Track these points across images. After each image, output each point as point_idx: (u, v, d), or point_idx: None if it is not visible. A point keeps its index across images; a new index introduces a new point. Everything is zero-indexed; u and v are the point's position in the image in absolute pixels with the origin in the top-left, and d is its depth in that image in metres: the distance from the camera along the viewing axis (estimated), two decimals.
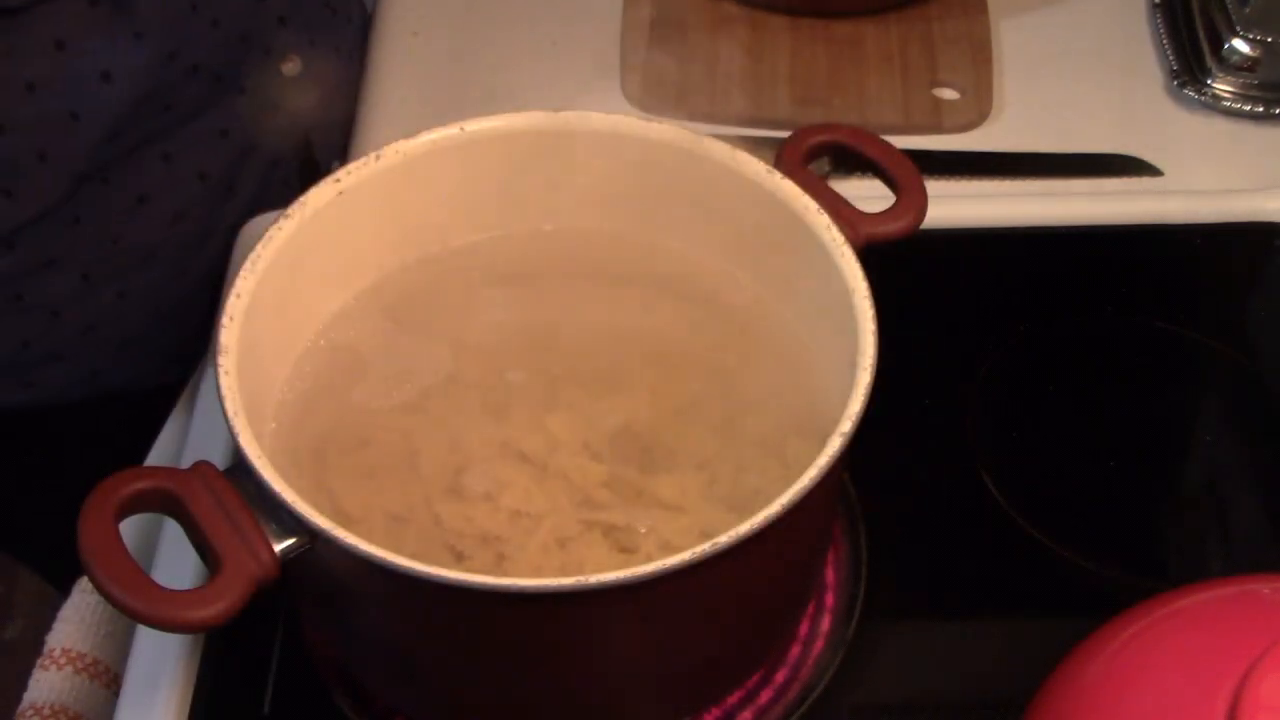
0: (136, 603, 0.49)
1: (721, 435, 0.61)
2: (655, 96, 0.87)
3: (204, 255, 0.83)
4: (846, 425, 0.53)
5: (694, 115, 0.85)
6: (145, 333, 0.84)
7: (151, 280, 0.82)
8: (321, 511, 0.50)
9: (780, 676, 0.64)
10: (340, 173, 0.60)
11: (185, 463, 0.59)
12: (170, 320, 0.84)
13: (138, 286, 0.82)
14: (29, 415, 0.85)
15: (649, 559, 0.50)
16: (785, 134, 0.66)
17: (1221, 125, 0.86)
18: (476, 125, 0.63)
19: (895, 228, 0.62)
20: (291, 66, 0.84)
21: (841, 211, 0.61)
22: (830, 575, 0.67)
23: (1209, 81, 0.86)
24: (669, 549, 0.56)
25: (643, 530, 0.57)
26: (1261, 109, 0.86)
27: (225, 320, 0.56)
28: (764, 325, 0.64)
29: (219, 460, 0.53)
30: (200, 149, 0.81)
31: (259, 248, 0.58)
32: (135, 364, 0.85)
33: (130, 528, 0.51)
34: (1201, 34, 0.87)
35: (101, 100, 0.73)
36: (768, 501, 0.50)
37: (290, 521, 0.51)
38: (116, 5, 0.72)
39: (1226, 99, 0.86)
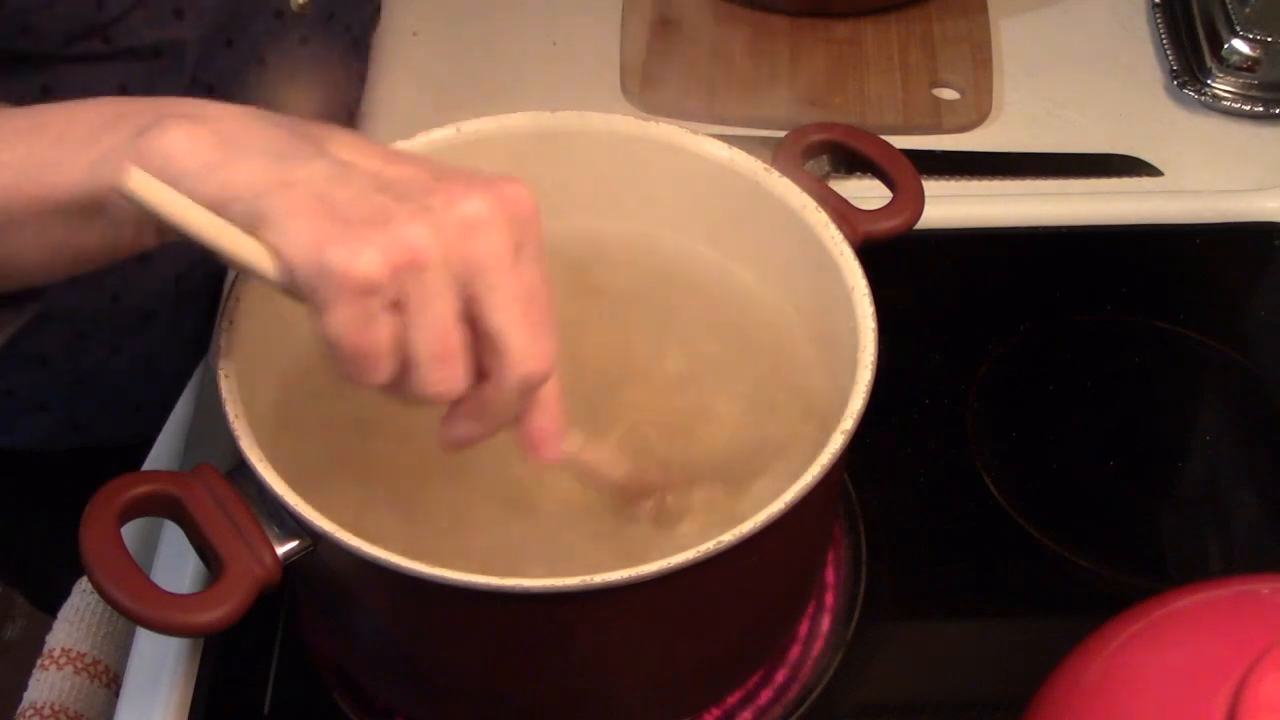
0: (141, 608, 0.49)
1: (719, 433, 0.61)
2: (655, 96, 0.87)
3: (199, 313, 0.82)
4: (848, 423, 0.53)
5: (694, 115, 0.85)
6: (133, 389, 0.83)
7: (145, 339, 0.81)
8: (323, 511, 0.51)
9: (780, 676, 0.64)
10: None
11: (186, 466, 0.59)
12: (159, 378, 0.83)
13: (131, 345, 0.81)
14: (15, 456, 0.85)
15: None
16: (785, 134, 0.66)
17: (1221, 125, 0.86)
18: (473, 126, 0.63)
19: (892, 224, 0.62)
20: (288, 85, 0.83)
21: (839, 209, 0.61)
22: (830, 575, 0.67)
23: (1209, 81, 0.86)
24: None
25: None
26: (1261, 109, 0.86)
27: (225, 324, 0.56)
28: (763, 323, 0.64)
29: (220, 463, 0.53)
30: None
31: None
32: (120, 419, 0.84)
33: (128, 529, 0.51)
34: (1201, 34, 0.87)
35: None
36: (769, 500, 0.50)
37: (293, 524, 0.51)
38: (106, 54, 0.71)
39: (1226, 99, 0.86)
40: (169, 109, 0.49)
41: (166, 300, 0.80)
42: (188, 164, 0.46)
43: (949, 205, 0.80)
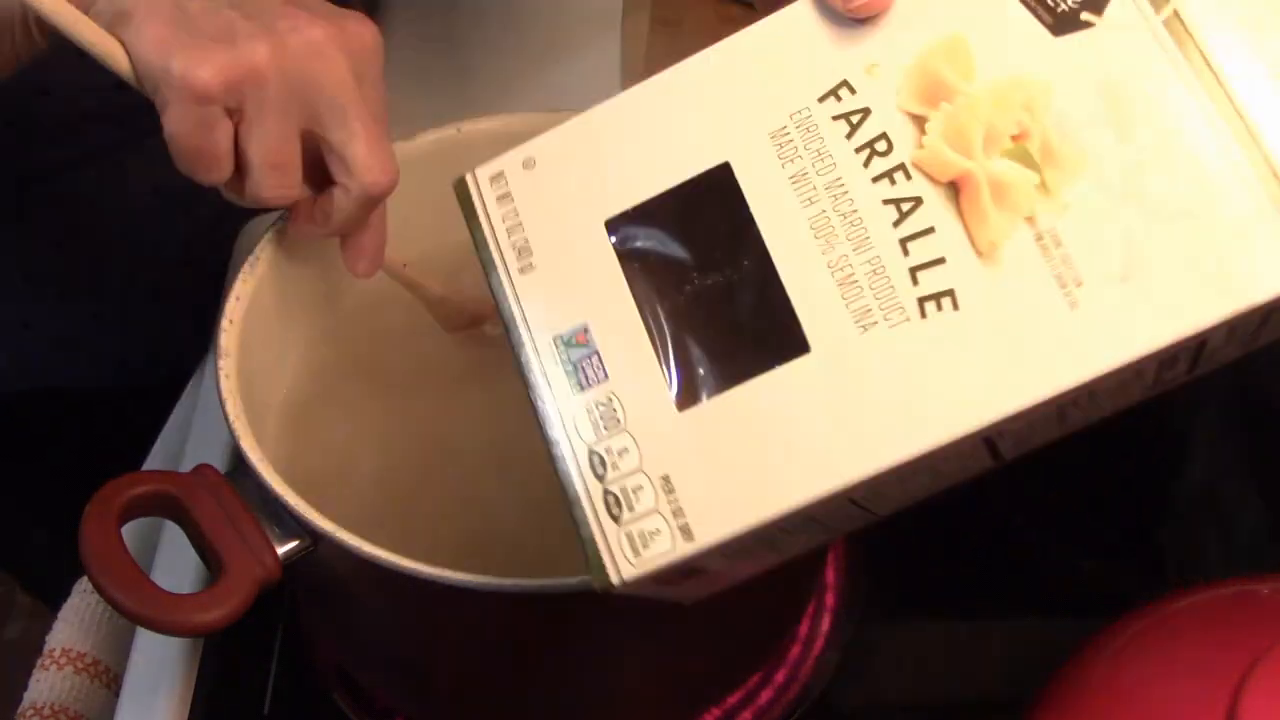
0: (141, 608, 0.49)
1: None
2: None
3: (155, 267, 0.82)
4: None
5: None
6: (84, 335, 0.84)
7: (96, 287, 0.82)
8: (323, 511, 0.51)
9: (780, 676, 0.64)
10: None
11: (186, 466, 0.59)
12: (112, 326, 0.83)
13: (81, 291, 0.81)
14: None
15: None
16: None
17: None
18: (473, 126, 0.63)
19: None
20: None
21: None
22: (830, 575, 0.67)
23: None
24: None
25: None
26: None
27: (225, 323, 0.56)
28: None
29: (220, 463, 0.53)
30: (157, 163, 0.80)
31: (258, 250, 0.58)
32: (71, 364, 0.85)
33: (128, 529, 0.51)
34: None
35: (36, 112, 0.73)
36: None
37: (293, 524, 0.51)
38: None
39: None
40: None
41: (116, 249, 0.80)
42: None
43: None
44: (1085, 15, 0.41)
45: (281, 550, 0.51)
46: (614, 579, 0.41)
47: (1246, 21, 0.40)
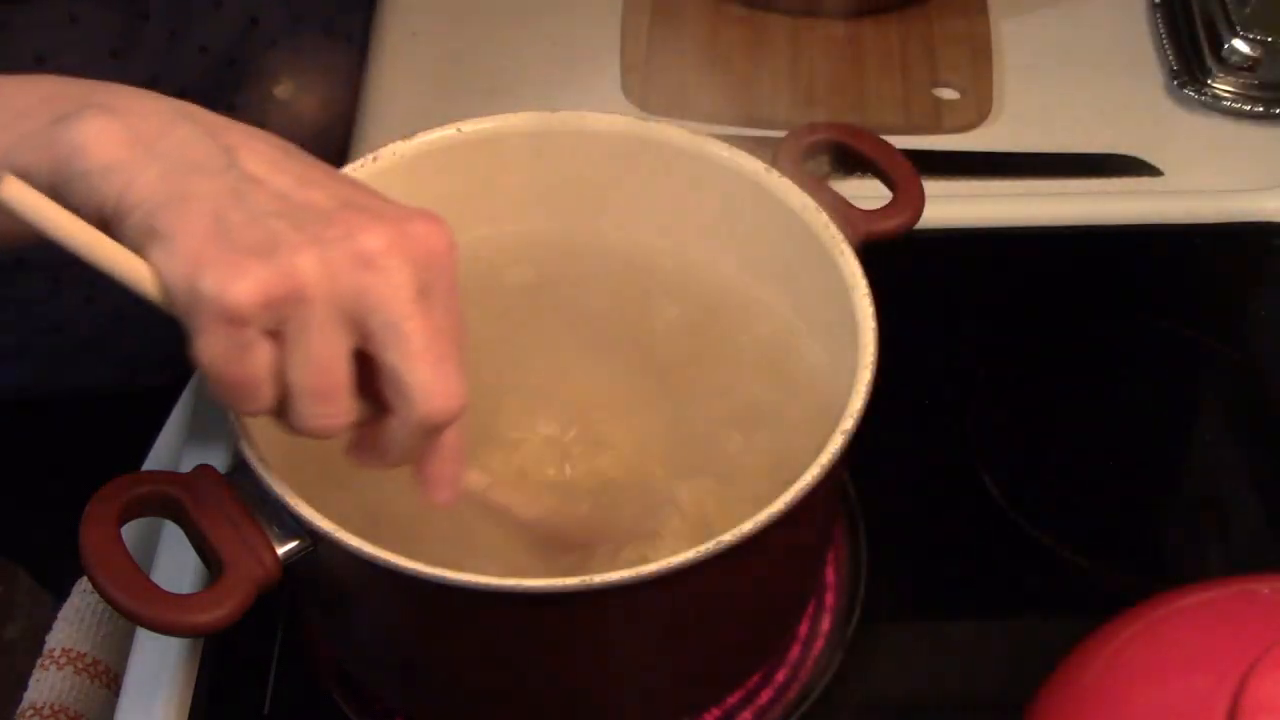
0: (141, 608, 0.49)
1: (721, 434, 0.61)
2: (655, 96, 0.87)
3: None
4: (848, 423, 0.53)
5: (694, 115, 0.85)
6: (105, 336, 0.84)
7: (120, 288, 0.82)
8: (323, 511, 0.51)
9: (780, 676, 0.64)
10: None
11: (186, 466, 0.59)
12: (131, 325, 0.83)
13: (106, 293, 0.82)
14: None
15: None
16: (785, 134, 0.66)
17: (1221, 125, 0.86)
18: (473, 126, 0.63)
19: (892, 224, 0.62)
20: (284, 90, 0.83)
21: (839, 209, 0.61)
22: (830, 575, 0.67)
23: (1209, 81, 0.86)
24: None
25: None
26: (1261, 109, 0.86)
27: None
28: (764, 325, 0.64)
29: (220, 463, 0.53)
30: None
31: None
32: (92, 366, 0.85)
33: (128, 529, 0.51)
34: (1201, 34, 0.87)
35: None
36: (769, 501, 0.50)
37: (292, 524, 0.51)
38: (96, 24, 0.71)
39: (1226, 99, 0.86)
40: (97, 97, 0.47)
41: None
42: (93, 161, 0.45)
43: (949, 205, 0.79)
44: None
45: (281, 550, 0.51)
46: None
47: None
